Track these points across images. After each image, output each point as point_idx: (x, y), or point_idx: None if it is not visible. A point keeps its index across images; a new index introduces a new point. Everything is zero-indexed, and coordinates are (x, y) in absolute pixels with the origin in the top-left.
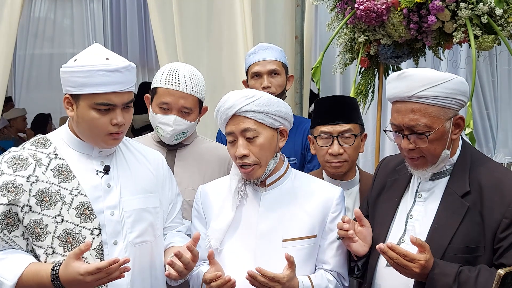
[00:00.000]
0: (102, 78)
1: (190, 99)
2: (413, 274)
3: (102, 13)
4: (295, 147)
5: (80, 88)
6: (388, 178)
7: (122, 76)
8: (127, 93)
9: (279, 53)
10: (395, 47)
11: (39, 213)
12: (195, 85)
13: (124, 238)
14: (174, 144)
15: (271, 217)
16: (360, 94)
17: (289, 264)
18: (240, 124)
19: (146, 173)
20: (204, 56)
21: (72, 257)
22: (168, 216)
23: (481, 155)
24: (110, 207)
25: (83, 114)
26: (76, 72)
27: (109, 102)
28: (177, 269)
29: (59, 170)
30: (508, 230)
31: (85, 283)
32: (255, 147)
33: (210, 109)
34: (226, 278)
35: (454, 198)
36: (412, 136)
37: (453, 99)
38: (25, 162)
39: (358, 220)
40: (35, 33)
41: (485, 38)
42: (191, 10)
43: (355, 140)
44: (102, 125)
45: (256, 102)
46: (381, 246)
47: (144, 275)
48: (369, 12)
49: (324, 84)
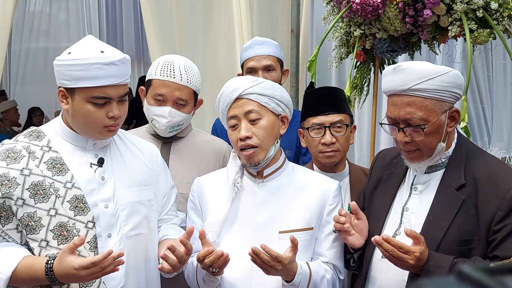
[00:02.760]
0: (97, 71)
1: (185, 91)
2: (407, 266)
3: (97, 7)
4: (290, 140)
5: (75, 81)
6: (385, 171)
7: (117, 69)
8: (122, 86)
9: (274, 48)
10: (391, 41)
11: (32, 206)
12: (191, 77)
13: (118, 231)
14: (169, 136)
15: (268, 209)
16: (356, 88)
17: (292, 246)
18: (243, 106)
19: (141, 165)
20: (200, 50)
21: (66, 251)
22: (163, 208)
23: (476, 148)
24: (104, 200)
25: (79, 108)
26: (71, 65)
27: (105, 95)
28: (170, 262)
29: (53, 163)
30: (503, 222)
31: (79, 277)
32: (258, 129)
33: (207, 102)
34: (218, 252)
35: (449, 190)
36: (408, 129)
37: (448, 92)
38: (18, 155)
39: (355, 213)
40: (30, 27)
41: (480, 32)
42: (187, 3)
43: (346, 130)
44: (98, 118)
45: (260, 85)
46: (376, 238)
47: (138, 267)
48: (365, 5)
49: (320, 77)
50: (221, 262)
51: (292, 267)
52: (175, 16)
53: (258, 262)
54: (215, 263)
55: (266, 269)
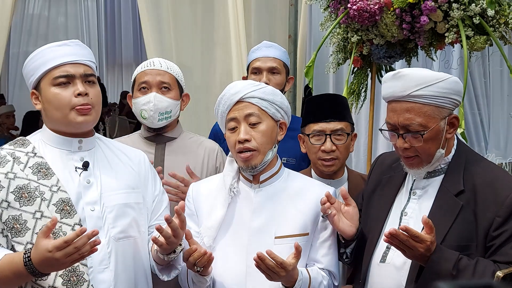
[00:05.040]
0: (52, 53)
1: (166, 75)
2: (415, 255)
3: (96, 11)
4: (295, 148)
5: (36, 71)
6: (384, 175)
7: (71, 49)
8: (82, 65)
9: (281, 52)
10: (388, 47)
11: (18, 209)
12: (170, 65)
13: (106, 233)
14: (160, 126)
15: (264, 214)
16: (353, 94)
17: (296, 253)
18: (244, 109)
19: (128, 169)
20: (198, 55)
21: (41, 236)
22: (153, 214)
23: (476, 155)
24: (90, 203)
25: (47, 96)
26: (30, 60)
27: (65, 73)
28: (165, 234)
29: (38, 167)
30: (501, 228)
31: (55, 260)
32: (257, 133)
33: (202, 108)
34: (201, 251)
35: (448, 196)
36: (407, 135)
37: (447, 99)
38: (3, 159)
39: (344, 199)
40: (29, 31)
41: (477, 39)
42: (185, 9)
43: (347, 139)
44: (66, 99)
45: (262, 90)
46: (392, 230)
47: (128, 271)
48: (362, 12)
49: (317, 83)
50: (204, 260)
51: (293, 273)
52: (173, 22)
53: (263, 268)
54: (199, 262)
55: (270, 275)
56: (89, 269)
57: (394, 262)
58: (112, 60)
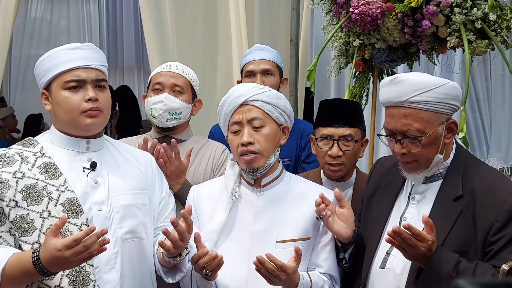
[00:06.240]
0: (65, 56)
1: (181, 79)
2: (416, 255)
3: (98, 14)
4: (290, 148)
5: (48, 73)
6: (383, 179)
7: (84, 53)
8: (94, 70)
9: (274, 54)
10: (390, 51)
11: (25, 209)
12: (186, 70)
13: (113, 233)
14: (169, 126)
15: (266, 218)
16: (355, 98)
17: (296, 257)
18: (248, 112)
19: (135, 171)
20: (199, 58)
21: (49, 234)
22: (159, 216)
23: (474, 159)
24: (97, 203)
25: (57, 98)
26: (42, 60)
27: (77, 78)
28: (172, 238)
29: (46, 167)
30: (500, 233)
31: (64, 259)
32: (261, 136)
33: (203, 111)
34: (212, 254)
35: (447, 201)
36: (405, 140)
37: (445, 104)
38: (11, 159)
39: (338, 200)
40: (31, 34)
41: (479, 43)
42: (187, 12)
43: (355, 145)
44: (75, 103)
45: (266, 93)
46: (395, 228)
47: (134, 272)
48: (364, 16)
49: (319, 87)
50: (214, 264)
51: (294, 277)
52: (175, 26)
53: (263, 271)
54: (209, 265)
55: (270, 278)
56: (95, 269)
57: (394, 268)
58: (113, 64)
